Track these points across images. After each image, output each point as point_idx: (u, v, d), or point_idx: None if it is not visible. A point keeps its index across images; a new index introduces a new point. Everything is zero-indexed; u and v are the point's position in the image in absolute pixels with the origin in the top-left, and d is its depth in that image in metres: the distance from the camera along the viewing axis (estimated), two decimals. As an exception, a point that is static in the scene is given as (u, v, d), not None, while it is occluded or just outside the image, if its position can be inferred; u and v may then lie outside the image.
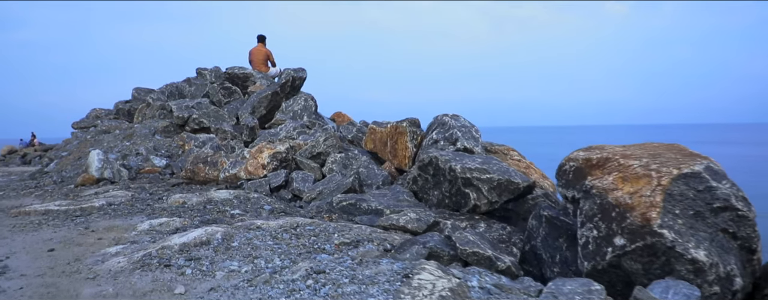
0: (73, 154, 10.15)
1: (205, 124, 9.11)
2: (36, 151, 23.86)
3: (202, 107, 9.70)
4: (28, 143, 29.47)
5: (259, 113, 9.41)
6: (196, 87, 10.69)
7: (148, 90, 13.09)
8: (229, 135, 8.20)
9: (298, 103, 9.28)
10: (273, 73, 11.34)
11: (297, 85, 9.65)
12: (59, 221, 3.96)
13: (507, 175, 3.85)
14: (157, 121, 9.83)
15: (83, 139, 11.30)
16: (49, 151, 20.96)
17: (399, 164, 5.63)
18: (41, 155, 17.65)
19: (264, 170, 5.55)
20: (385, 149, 5.74)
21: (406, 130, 5.60)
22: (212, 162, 6.41)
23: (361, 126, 8.87)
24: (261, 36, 11.39)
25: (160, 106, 10.19)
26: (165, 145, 8.57)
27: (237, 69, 10.69)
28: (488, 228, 3.72)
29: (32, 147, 28.51)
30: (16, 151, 22.90)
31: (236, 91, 10.11)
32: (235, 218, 3.84)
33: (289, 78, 9.41)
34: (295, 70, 9.63)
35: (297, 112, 9.16)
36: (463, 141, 5.12)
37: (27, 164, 15.02)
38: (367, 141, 5.97)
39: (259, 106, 9.36)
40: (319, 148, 5.92)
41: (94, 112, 13.62)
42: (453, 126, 5.31)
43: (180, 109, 9.46)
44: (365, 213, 4.31)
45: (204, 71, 11.06)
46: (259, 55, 11.14)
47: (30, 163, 15.12)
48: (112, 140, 9.59)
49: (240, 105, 9.80)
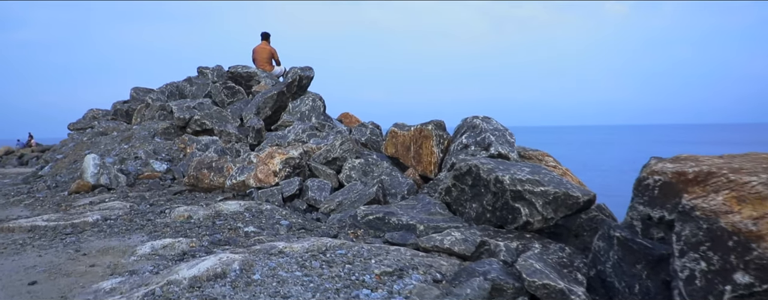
0: (69, 157, 9.56)
1: (207, 126, 8.53)
2: (33, 152, 23.28)
3: (204, 108, 9.12)
4: (26, 144, 28.79)
5: (265, 114, 8.83)
6: (198, 87, 10.10)
7: (147, 90, 12.48)
8: (234, 137, 7.62)
9: (305, 104, 8.70)
10: (277, 72, 10.76)
11: (304, 84, 9.08)
12: (46, 241, 3.39)
13: (564, 188, 3.30)
14: (157, 123, 9.24)
15: (79, 141, 10.71)
16: (46, 152, 20.46)
17: (424, 171, 5.06)
18: (38, 156, 17.10)
19: (275, 178, 4.98)
20: (408, 154, 5.18)
21: (432, 134, 5.04)
22: (217, 168, 5.84)
23: (373, 128, 8.32)
24: (265, 33, 10.80)
25: (159, 107, 9.60)
26: (165, 149, 7.99)
27: (240, 68, 10.10)
28: (544, 249, 3.17)
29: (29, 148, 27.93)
30: (13, 151, 22.37)
31: (240, 90, 9.53)
32: (250, 237, 3.27)
33: (295, 77, 8.84)
34: (302, 69, 9.05)
35: (304, 113, 8.59)
36: (497, 146, 4.57)
37: (24, 165, 14.43)
38: (388, 145, 5.40)
39: (264, 106, 8.78)
40: (335, 153, 5.35)
41: (91, 112, 13.00)
42: (485, 129, 4.76)
43: (181, 109, 8.87)
44: (395, 229, 3.75)
45: (206, 70, 10.47)
46: (263, 53, 10.55)
47: (27, 164, 14.53)
48: (109, 142, 9.00)
49: (244, 105, 9.21)
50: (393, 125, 5.47)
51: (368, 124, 8.35)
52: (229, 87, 9.49)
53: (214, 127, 8.40)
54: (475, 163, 3.74)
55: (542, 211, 3.30)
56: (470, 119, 4.99)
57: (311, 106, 8.66)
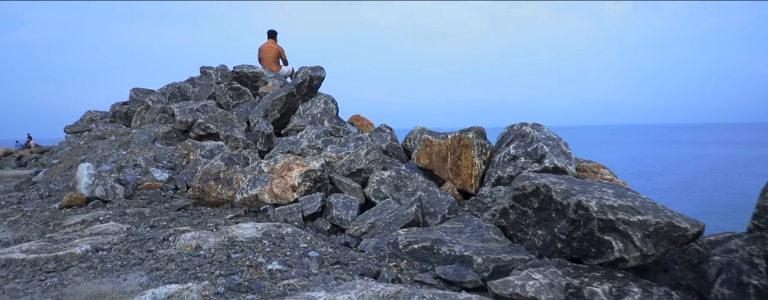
0: (64, 162, 8.85)
1: (212, 130, 7.82)
2: (32, 153, 22.70)
3: (208, 110, 8.40)
4: (24, 145, 28.01)
5: (273, 117, 8.12)
6: (201, 88, 9.38)
7: (147, 91, 11.74)
8: (241, 143, 6.91)
9: (317, 106, 8.00)
10: (285, 72, 10.05)
11: (315, 85, 8.37)
12: (22, 282, 2.69)
13: (666, 217, 2.62)
14: (158, 126, 8.52)
15: (75, 145, 9.98)
16: (44, 153, 19.88)
17: (463, 185, 4.37)
18: (37, 157, 16.52)
19: (294, 193, 4.27)
20: (444, 166, 4.48)
21: (473, 143, 4.34)
22: (226, 179, 5.13)
23: (391, 132, 7.62)
24: (272, 31, 10.08)
25: (160, 109, 8.88)
26: (167, 155, 7.27)
27: (246, 67, 9.39)
28: (646, 294, 2.49)
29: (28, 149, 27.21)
30: (12, 153, 21.84)
31: (246, 92, 8.81)
32: (277, 280, 2.57)
33: (306, 78, 8.12)
34: (313, 69, 8.34)
35: (316, 117, 7.88)
36: (552, 158, 3.88)
37: (23, 167, 13.92)
38: (421, 155, 4.69)
39: (272, 109, 8.07)
40: (360, 163, 4.65)
41: (89, 114, 12.25)
42: (537, 138, 4.07)
43: (183, 112, 8.15)
44: (447, 261, 3.06)
45: (209, 70, 9.75)
46: (269, 52, 9.83)
47: (25, 166, 14.02)
48: (106, 148, 8.28)
49: (251, 108, 8.50)
50: (426, 132, 4.76)
51: (385, 128, 7.65)
52: (235, 88, 8.77)
53: (220, 132, 7.69)
54: (544, 183, 3.04)
55: (641, 246, 2.61)
56: (518, 127, 4.30)
57: (323, 109, 7.95)
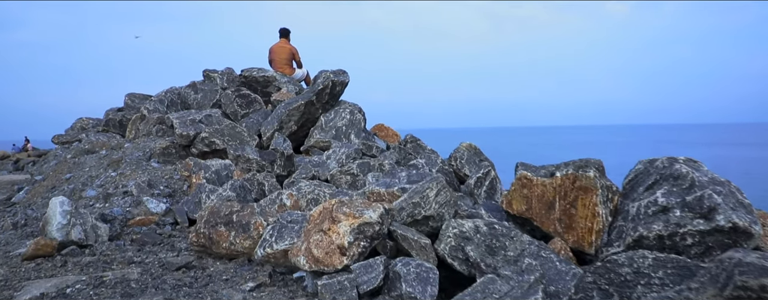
0: (48, 180, 7.47)
1: (218, 146, 6.45)
2: (29, 156, 21.69)
3: (213, 121, 7.03)
4: (21, 148, 26.57)
5: (289, 129, 6.76)
6: (204, 94, 7.99)
7: (143, 96, 10.34)
8: (255, 165, 5.53)
9: (341, 117, 6.63)
10: (299, 75, 8.67)
11: (337, 92, 7.01)
12: None
13: None
14: (154, 140, 7.14)
15: (62, 158, 8.59)
16: (42, 156, 18.86)
17: (578, 243, 3.03)
18: (34, 161, 15.58)
19: (344, 257, 2.91)
20: (550, 215, 3.14)
21: (595, 185, 3.00)
22: (240, 223, 3.77)
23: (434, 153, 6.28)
24: (284, 30, 8.70)
25: (157, 120, 7.49)
26: (164, 177, 5.89)
27: (255, 71, 8.00)
28: None
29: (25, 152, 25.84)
30: (9, 156, 20.91)
31: (256, 100, 7.43)
32: None
33: (327, 83, 6.76)
34: (335, 73, 6.97)
35: (341, 130, 6.51)
36: (729, 212, 2.54)
37: (20, 170, 13.02)
38: (514, 198, 3.33)
39: (287, 120, 6.71)
40: (428, 208, 3.29)
41: (80, 122, 10.84)
42: (700, 182, 2.73)
43: (184, 124, 6.78)
44: None
45: (213, 74, 8.36)
46: (282, 53, 8.45)
47: (23, 169, 13.11)
48: (94, 166, 6.90)
49: (262, 118, 7.13)
50: (520, 166, 3.40)
51: (422, 145, 6.31)
52: (243, 95, 7.39)
53: (228, 149, 6.32)
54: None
55: None
56: (665, 163, 2.96)
57: (349, 121, 6.59)
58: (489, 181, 4.87)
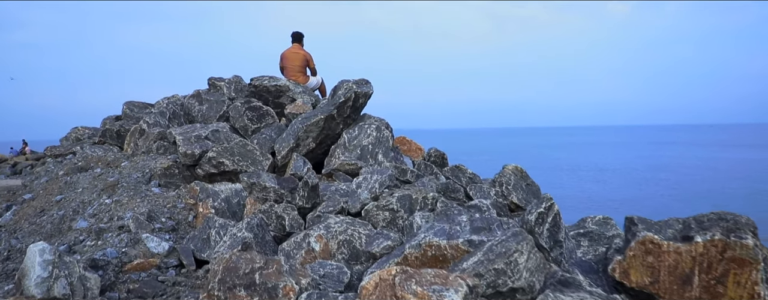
0: (37, 200, 6.64)
1: (227, 167, 5.60)
2: (27, 160, 21.17)
3: (222, 138, 6.18)
4: (19, 151, 25.71)
5: (306, 147, 5.92)
6: (209, 105, 7.13)
7: (142, 105, 9.48)
8: (272, 194, 4.68)
9: (366, 134, 5.79)
10: (313, 84, 7.82)
11: (360, 104, 6.16)
12: None
13: None
14: (155, 159, 6.28)
15: (54, 175, 7.75)
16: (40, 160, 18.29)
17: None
18: (33, 164, 15.00)
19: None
20: (685, 292, 2.31)
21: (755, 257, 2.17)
22: (264, 287, 2.93)
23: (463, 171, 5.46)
24: (297, 34, 7.84)
25: (158, 135, 6.63)
26: (166, 206, 5.04)
27: (266, 80, 7.14)
28: None
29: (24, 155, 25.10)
30: (7, 159, 20.49)
31: (268, 113, 6.58)
32: None
33: (349, 95, 5.92)
34: (357, 83, 6.13)
35: (367, 149, 5.67)
36: None
37: (17, 174, 12.30)
38: (633, 267, 2.49)
39: (305, 136, 5.87)
40: (517, 278, 2.45)
41: (75, 132, 9.96)
42: None
43: (188, 141, 5.93)
44: None
45: (219, 82, 7.50)
46: (295, 59, 7.60)
47: (20, 173, 12.40)
48: (87, 188, 6.05)
49: (275, 134, 6.28)
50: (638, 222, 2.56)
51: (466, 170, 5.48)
52: (254, 108, 6.53)
53: (238, 169, 5.48)
54: None
55: None
56: None
57: (376, 138, 5.75)
58: (552, 217, 4.03)
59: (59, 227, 5.55)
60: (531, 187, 5.42)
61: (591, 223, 4.56)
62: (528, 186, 5.38)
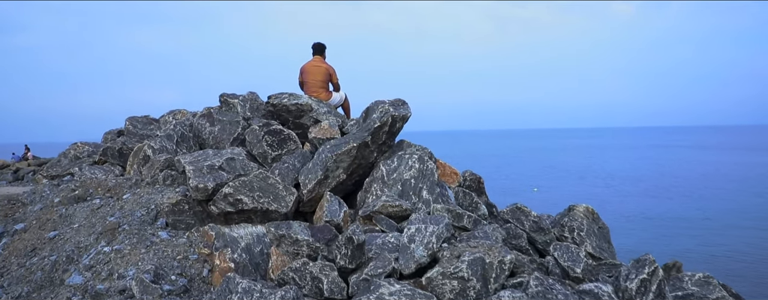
0: (29, 233, 5.82)
1: (246, 205, 4.75)
2: (30, 166, 20.56)
3: (237, 167, 5.32)
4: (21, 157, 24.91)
5: (336, 179, 5.07)
6: (222, 126, 6.27)
7: (146, 120, 8.63)
8: (306, 248, 3.82)
9: (407, 166, 4.93)
10: (335, 101, 6.95)
11: (396, 129, 5.31)
12: None
13: None
14: (161, 192, 5.41)
15: (49, 202, 6.88)
16: (43, 166, 17.84)
17: None
18: (35, 170, 14.21)
19: None
20: None
21: None
22: None
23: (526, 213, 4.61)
24: (318, 45, 6.96)
25: (165, 163, 5.77)
26: (176, 258, 4.18)
27: (286, 97, 6.28)
28: None
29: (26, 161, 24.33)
30: (9, 165, 19.99)
31: (290, 137, 5.71)
32: None
33: (386, 119, 5.06)
34: (394, 105, 5.27)
35: (409, 184, 4.81)
36: None
37: (19, 180, 11.20)
38: None
39: (334, 167, 5.02)
40: None
41: (74, 149, 9.08)
42: None
43: (199, 173, 5.07)
44: None
45: (232, 100, 6.63)
46: (316, 73, 6.73)
47: (22, 179, 11.23)
48: (84, 225, 5.20)
49: (299, 163, 5.42)
50: None
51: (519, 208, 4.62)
52: (274, 132, 5.67)
53: (260, 208, 4.63)
54: None
55: None
56: None
57: (418, 171, 4.88)
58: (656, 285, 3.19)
59: (50, 276, 4.71)
60: (602, 231, 4.57)
61: (690, 283, 3.71)
62: (600, 229, 4.53)
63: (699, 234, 18.50)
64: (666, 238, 17.75)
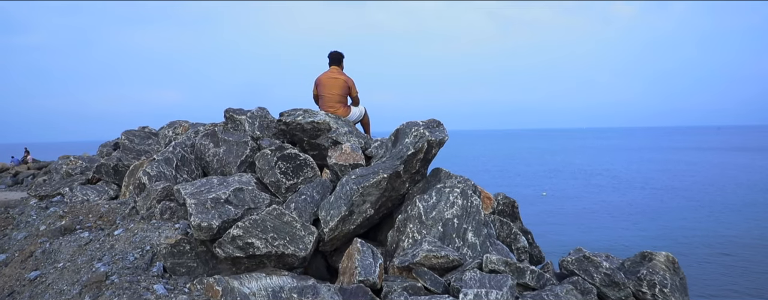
0: (10, 268, 5.07)
1: (258, 250, 3.95)
2: (29, 169, 20.23)
3: (246, 199, 4.53)
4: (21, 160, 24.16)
5: (362, 215, 4.27)
6: (227, 147, 5.46)
7: (144, 134, 7.82)
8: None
9: (448, 202, 4.12)
10: (354, 117, 6.14)
11: (432, 156, 4.51)
12: None
13: None
14: (158, 228, 4.61)
15: (34, 230, 6.12)
16: (42, 169, 17.47)
17: None
18: (34, 174, 12.80)
19: None
20: None
21: None
22: None
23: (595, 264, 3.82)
24: (335, 55, 6.14)
25: (162, 193, 4.96)
26: (175, 320, 3.39)
27: (300, 115, 5.46)
28: None
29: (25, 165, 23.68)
30: (8, 169, 19.55)
31: (307, 163, 4.90)
32: None
33: (422, 145, 4.26)
34: (429, 127, 4.48)
35: (451, 225, 4.01)
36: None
37: (19, 184, 10.99)
38: None
39: (361, 201, 4.22)
40: None
41: (65, 164, 8.27)
42: None
43: (202, 207, 4.27)
44: None
45: (239, 116, 5.82)
46: (334, 86, 5.91)
47: (22, 183, 11.10)
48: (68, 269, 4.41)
49: (318, 194, 4.62)
50: None
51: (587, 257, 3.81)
52: (290, 157, 4.86)
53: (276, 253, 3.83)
54: None
55: None
56: None
57: (462, 208, 4.08)
58: None
59: (25, 335, 3.92)
60: (682, 282, 3.78)
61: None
62: (681, 281, 3.73)
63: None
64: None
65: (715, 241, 18.74)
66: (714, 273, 14.96)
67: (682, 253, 16.28)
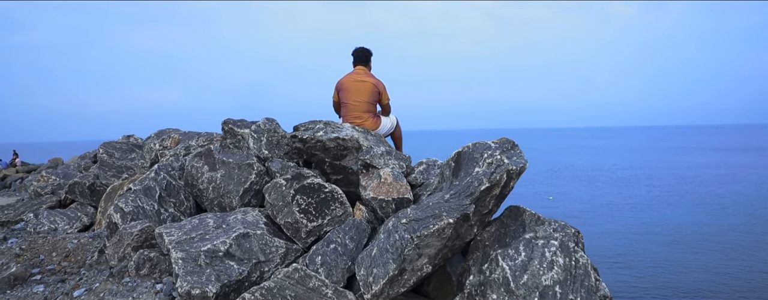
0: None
1: (273, 332, 2.64)
2: (18, 173, 19.44)
3: (254, 249, 3.22)
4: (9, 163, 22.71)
5: (416, 273, 2.98)
6: (227, 171, 4.13)
7: (127, 148, 6.46)
8: None
9: (544, 260, 2.84)
10: (384, 129, 4.82)
11: (509, 190, 3.22)
12: None
13: None
14: (133, 291, 3.29)
15: None
16: (31, 173, 16.64)
17: None
18: (23, 177, 12.25)
19: None
20: None
21: None
22: None
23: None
24: (362, 52, 4.81)
25: (140, 236, 3.64)
26: None
27: (320, 130, 4.14)
28: None
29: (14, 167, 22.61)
30: None
31: (335, 197, 3.60)
32: None
33: (500, 176, 2.99)
34: (506, 152, 3.20)
35: (554, 294, 2.73)
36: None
37: (7, 188, 10.48)
38: None
39: (416, 256, 2.93)
40: None
41: (36, 182, 6.90)
42: None
43: (194, 267, 2.95)
44: None
45: (241, 130, 4.49)
46: (361, 92, 4.59)
47: (9, 187, 10.61)
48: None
49: (352, 242, 3.32)
50: None
51: None
52: (311, 189, 3.56)
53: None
54: None
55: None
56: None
57: (564, 269, 2.80)
58: None
59: None
60: None
61: None
62: None
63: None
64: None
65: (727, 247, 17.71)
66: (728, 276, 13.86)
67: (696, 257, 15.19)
